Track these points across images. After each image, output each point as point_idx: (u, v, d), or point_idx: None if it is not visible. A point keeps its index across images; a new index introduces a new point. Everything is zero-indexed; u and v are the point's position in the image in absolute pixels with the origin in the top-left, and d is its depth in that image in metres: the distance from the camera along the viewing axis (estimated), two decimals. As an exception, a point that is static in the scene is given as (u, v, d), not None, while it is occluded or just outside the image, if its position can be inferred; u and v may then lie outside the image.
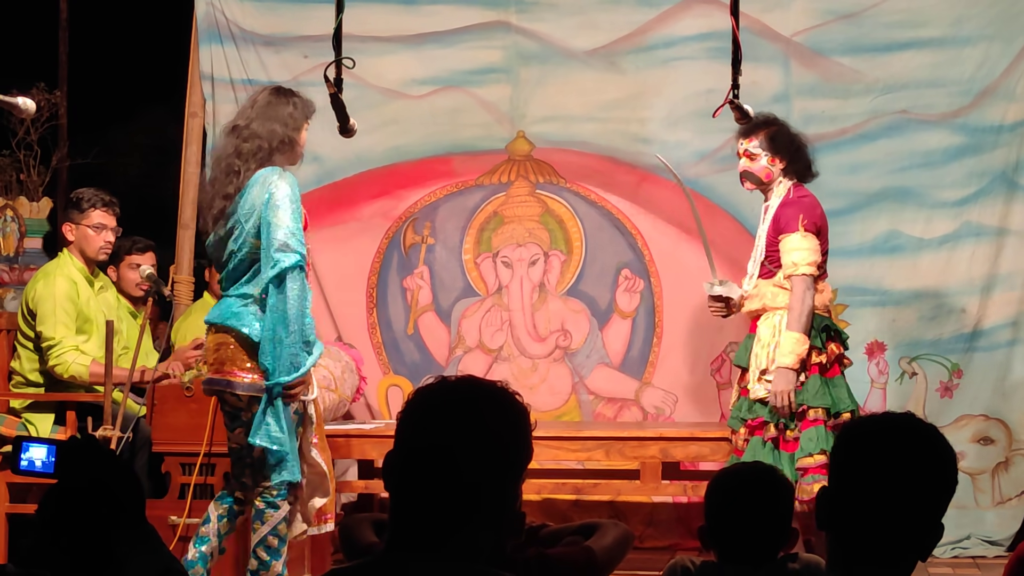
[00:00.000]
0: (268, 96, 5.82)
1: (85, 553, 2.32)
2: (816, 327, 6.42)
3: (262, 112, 5.75)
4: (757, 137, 6.57)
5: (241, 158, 5.67)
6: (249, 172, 5.65)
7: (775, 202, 6.59)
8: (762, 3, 8.01)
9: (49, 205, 8.57)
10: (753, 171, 6.62)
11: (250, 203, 5.61)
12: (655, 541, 7.95)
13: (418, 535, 2.45)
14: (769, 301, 6.51)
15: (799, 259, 6.41)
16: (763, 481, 3.58)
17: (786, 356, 6.32)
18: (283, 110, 5.76)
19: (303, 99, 5.86)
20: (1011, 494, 7.98)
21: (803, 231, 6.43)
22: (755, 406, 6.44)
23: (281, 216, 5.57)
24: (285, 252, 5.54)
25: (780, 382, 6.33)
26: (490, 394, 2.53)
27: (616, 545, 3.18)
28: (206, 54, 8.58)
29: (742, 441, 6.50)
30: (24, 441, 2.48)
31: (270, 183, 5.60)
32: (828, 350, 6.43)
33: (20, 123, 8.40)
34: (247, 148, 5.68)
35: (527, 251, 8.44)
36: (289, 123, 5.75)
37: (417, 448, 2.48)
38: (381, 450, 7.17)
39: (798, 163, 6.63)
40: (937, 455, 2.74)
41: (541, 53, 8.40)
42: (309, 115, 5.87)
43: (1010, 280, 7.99)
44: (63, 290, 6.95)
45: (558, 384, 8.36)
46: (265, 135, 5.70)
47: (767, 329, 6.49)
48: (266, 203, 5.58)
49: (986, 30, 8.03)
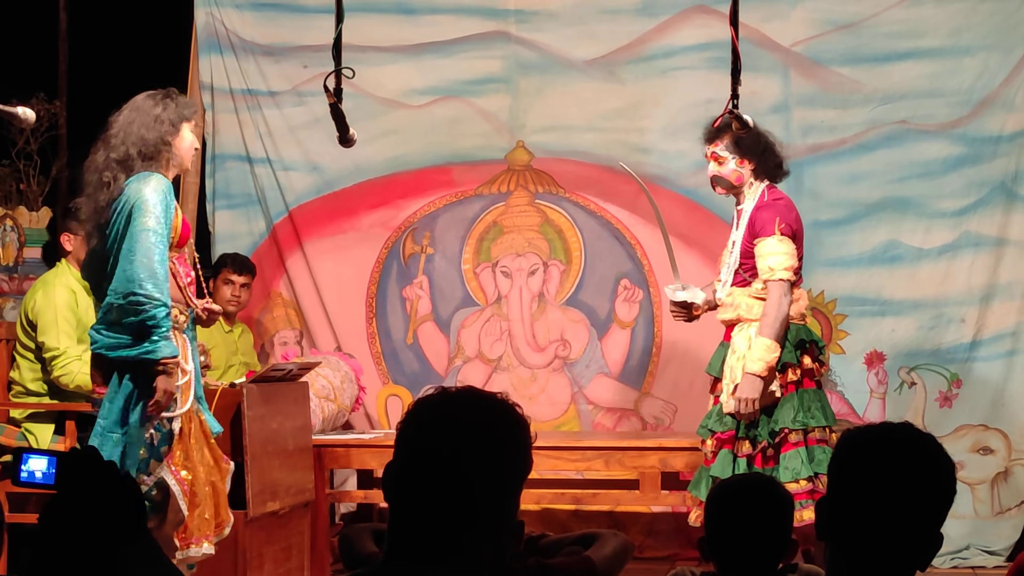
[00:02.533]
0: (139, 101, 5.64)
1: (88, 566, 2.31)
2: (791, 340, 6.29)
3: (129, 117, 5.57)
4: (723, 140, 6.41)
5: (110, 169, 5.49)
6: (117, 182, 5.46)
7: (749, 205, 6.42)
8: (762, 13, 8.02)
9: (49, 215, 8.57)
10: (723, 175, 6.45)
11: (121, 212, 5.43)
12: (654, 551, 7.94)
13: (417, 545, 2.44)
14: (744, 312, 6.35)
15: (776, 264, 6.24)
16: (763, 493, 3.59)
17: (755, 363, 6.16)
18: (151, 112, 5.57)
19: (178, 100, 5.67)
20: (1010, 504, 7.97)
21: (779, 235, 6.26)
22: (726, 419, 6.29)
23: (147, 219, 5.36)
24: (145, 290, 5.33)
25: (746, 388, 6.17)
26: (491, 406, 2.52)
27: (616, 555, 3.18)
28: (206, 64, 8.60)
29: (710, 453, 6.39)
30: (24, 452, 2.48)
31: (132, 188, 5.43)
32: (803, 364, 6.31)
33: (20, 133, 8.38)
34: (113, 157, 5.50)
35: (526, 261, 8.44)
36: (157, 126, 5.54)
37: (417, 459, 2.48)
38: (380, 460, 7.17)
39: (767, 163, 6.44)
40: (935, 464, 2.74)
41: (540, 63, 8.41)
42: (188, 116, 5.65)
43: (1009, 290, 7.99)
44: (63, 300, 6.95)
45: (557, 394, 8.36)
46: (132, 141, 5.51)
47: (742, 340, 6.31)
48: (134, 208, 5.38)
49: (985, 40, 8.04)
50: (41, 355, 6.94)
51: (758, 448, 6.24)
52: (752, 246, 6.34)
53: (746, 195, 6.46)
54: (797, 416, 6.20)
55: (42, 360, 6.95)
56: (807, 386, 6.30)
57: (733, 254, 6.48)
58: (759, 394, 6.18)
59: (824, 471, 6.07)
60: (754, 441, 6.24)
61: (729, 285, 6.49)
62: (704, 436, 6.45)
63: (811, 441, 6.22)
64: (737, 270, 6.45)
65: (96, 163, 5.56)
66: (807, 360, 6.32)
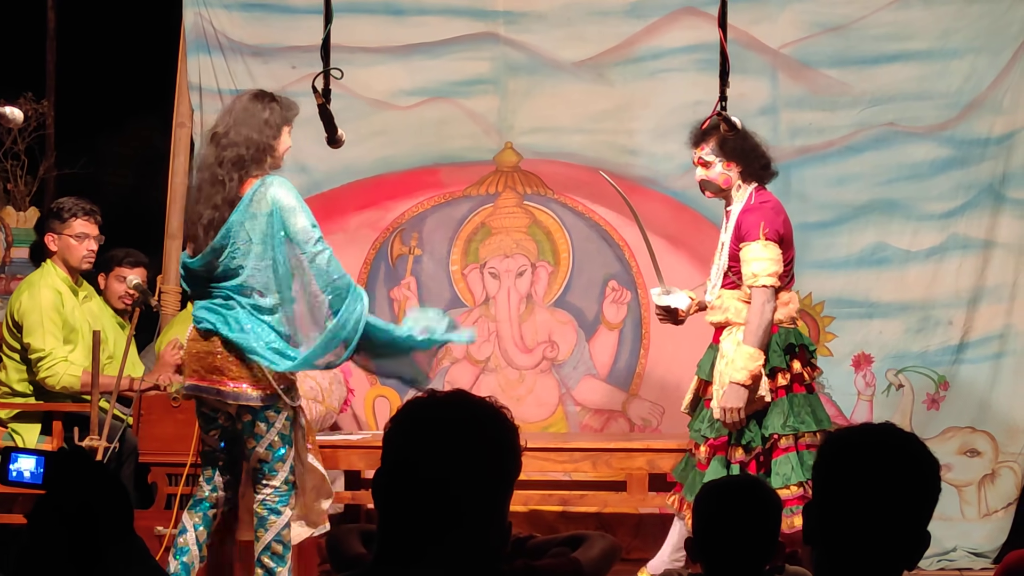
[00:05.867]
0: (245, 102, 5.80)
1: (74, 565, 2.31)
2: (780, 344, 6.28)
3: (239, 118, 5.72)
4: (708, 143, 6.40)
5: (223, 167, 5.65)
6: (233, 181, 5.64)
7: (737, 208, 6.41)
8: (750, 15, 8.02)
9: (36, 215, 8.54)
10: (711, 179, 6.44)
11: (251, 212, 5.62)
12: (642, 552, 7.91)
13: (406, 547, 2.44)
14: (733, 315, 6.34)
15: (759, 269, 6.22)
16: (750, 494, 3.59)
17: (738, 372, 6.14)
18: (259, 116, 5.73)
19: (282, 102, 5.83)
20: (997, 506, 7.98)
21: (764, 240, 6.23)
22: (719, 425, 6.29)
23: (300, 219, 5.64)
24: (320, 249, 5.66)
25: (730, 398, 6.15)
26: (479, 411, 2.52)
27: (603, 557, 3.18)
28: (194, 64, 8.58)
29: (704, 458, 6.39)
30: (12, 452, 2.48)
31: (269, 193, 5.61)
32: (792, 368, 6.30)
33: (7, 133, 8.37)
34: (227, 156, 5.66)
35: (514, 262, 8.44)
36: (265, 130, 5.72)
37: (404, 462, 2.47)
38: (368, 461, 7.17)
39: (754, 164, 6.43)
40: (918, 463, 2.75)
41: (529, 64, 8.41)
42: (290, 119, 5.84)
43: (997, 292, 8.00)
44: (48, 301, 6.93)
45: (545, 395, 8.36)
46: (242, 142, 5.67)
47: (731, 344, 6.30)
48: (274, 213, 5.60)
49: (973, 43, 8.05)
50: (27, 356, 6.93)
51: (752, 454, 6.24)
52: (740, 249, 6.33)
53: (735, 198, 6.45)
54: (787, 421, 6.20)
55: (28, 361, 6.94)
56: (797, 391, 6.30)
57: (722, 256, 6.47)
58: (743, 403, 6.16)
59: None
60: (748, 447, 6.24)
61: (718, 287, 6.48)
62: (698, 441, 6.45)
63: (801, 446, 6.22)
64: (726, 272, 6.44)
65: (207, 161, 5.73)
66: (796, 364, 6.31)
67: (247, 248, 5.63)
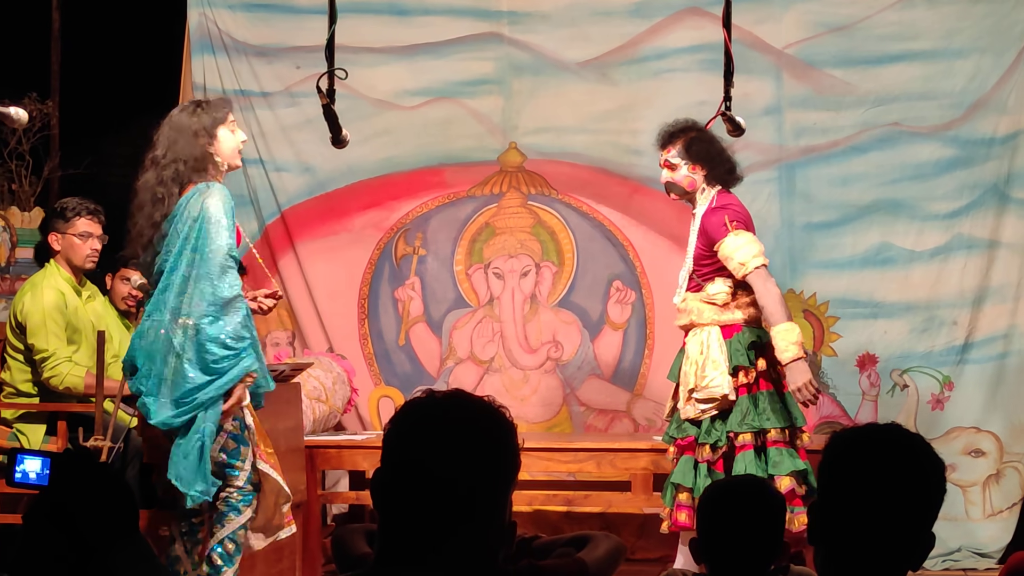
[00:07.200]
0: (174, 118, 5.72)
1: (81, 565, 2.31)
2: (742, 343, 6.27)
3: (171, 137, 5.66)
4: (675, 146, 6.42)
5: (163, 185, 5.60)
6: (172, 196, 5.58)
7: (701, 210, 6.40)
8: (754, 15, 8.02)
9: (41, 215, 8.55)
10: (676, 181, 6.44)
11: (183, 218, 5.55)
12: (646, 553, 7.94)
13: (408, 548, 2.44)
14: (696, 317, 6.36)
15: (744, 256, 6.21)
16: (755, 495, 3.59)
17: (785, 352, 6.14)
18: (189, 128, 5.65)
19: (210, 104, 5.75)
20: (1002, 506, 7.98)
21: (733, 230, 6.23)
22: (684, 425, 6.31)
23: (220, 236, 5.51)
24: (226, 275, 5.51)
25: (795, 376, 6.16)
26: (477, 410, 2.51)
27: (608, 557, 3.17)
28: (198, 64, 8.59)
29: (673, 459, 6.40)
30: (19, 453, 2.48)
31: (203, 200, 5.54)
32: (757, 366, 6.29)
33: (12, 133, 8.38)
34: (166, 175, 5.60)
35: (519, 262, 8.44)
36: (197, 140, 5.63)
37: (404, 462, 2.47)
38: (372, 461, 7.16)
39: (719, 168, 6.41)
40: (923, 464, 2.74)
41: (533, 65, 8.41)
42: (221, 119, 5.72)
43: (1001, 292, 8.00)
44: (51, 301, 6.93)
45: (549, 395, 8.36)
46: (180, 158, 5.61)
47: (695, 346, 6.32)
48: (200, 219, 5.52)
49: (978, 43, 8.05)
50: (31, 357, 6.93)
51: (718, 453, 6.25)
52: (705, 251, 6.34)
53: (699, 200, 6.45)
54: (745, 419, 6.20)
55: (32, 362, 6.94)
56: (764, 388, 6.29)
57: (687, 261, 6.48)
58: (808, 375, 6.17)
59: (781, 472, 6.10)
60: (714, 446, 6.25)
61: (683, 291, 6.49)
62: (667, 442, 6.47)
63: (768, 443, 6.22)
64: (692, 275, 6.45)
65: (148, 182, 5.66)
66: (762, 362, 6.30)
67: (184, 255, 5.57)
